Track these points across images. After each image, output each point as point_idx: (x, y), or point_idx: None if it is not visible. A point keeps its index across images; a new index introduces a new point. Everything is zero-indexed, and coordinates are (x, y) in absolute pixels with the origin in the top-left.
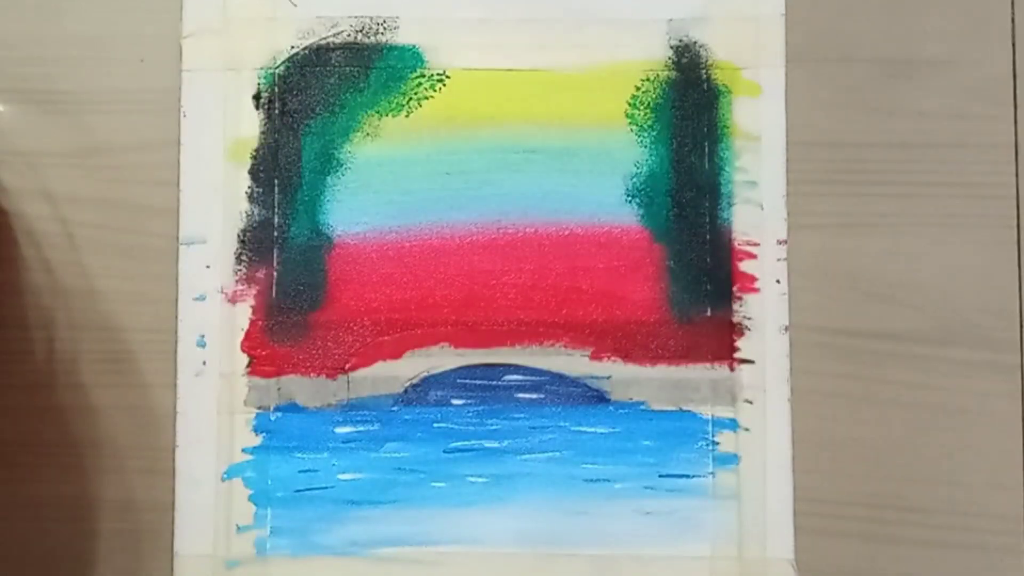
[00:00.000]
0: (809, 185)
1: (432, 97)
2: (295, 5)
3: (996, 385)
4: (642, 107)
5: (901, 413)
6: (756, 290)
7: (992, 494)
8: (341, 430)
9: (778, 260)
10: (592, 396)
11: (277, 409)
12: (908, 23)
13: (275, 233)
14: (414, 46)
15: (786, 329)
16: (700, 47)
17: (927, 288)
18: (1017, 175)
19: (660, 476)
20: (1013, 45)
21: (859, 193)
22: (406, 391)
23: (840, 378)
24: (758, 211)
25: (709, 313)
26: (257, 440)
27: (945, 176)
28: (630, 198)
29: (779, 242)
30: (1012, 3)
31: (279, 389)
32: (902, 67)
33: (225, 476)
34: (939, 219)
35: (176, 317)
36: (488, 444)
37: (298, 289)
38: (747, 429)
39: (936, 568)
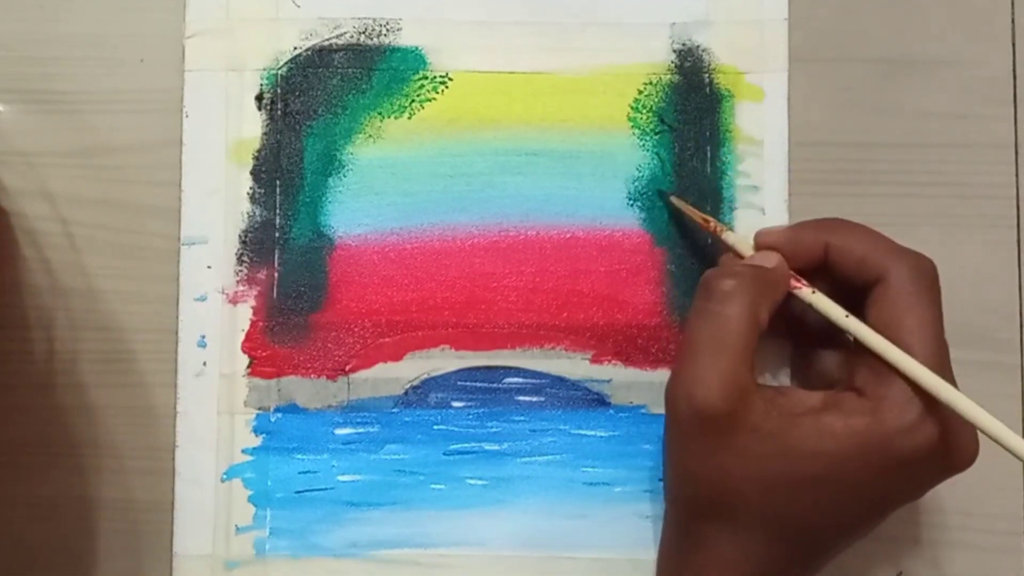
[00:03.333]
0: (809, 186)
1: (435, 99)
2: (298, 6)
3: (996, 385)
4: (644, 111)
5: None
6: None
7: (992, 494)
8: (341, 431)
9: None
10: (593, 399)
11: (277, 410)
12: (908, 23)
13: (276, 234)
14: (417, 48)
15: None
16: (703, 51)
17: None
18: (1017, 175)
19: (660, 480)
20: (1013, 45)
21: (859, 193)
22: (406, 393)
23: None
24: (760, 216)
25: None
26: (257, 441)
27: (945, 176)
28: (632, 202)
29: None
30: (1012, 3)
31: (279, 390)
32: (902, 67)
33: (225, 477)
34: (939, 219)
35: (177, 317)
36: (488, 446)
37: (299, 290)
38: None
39: (936, 568)
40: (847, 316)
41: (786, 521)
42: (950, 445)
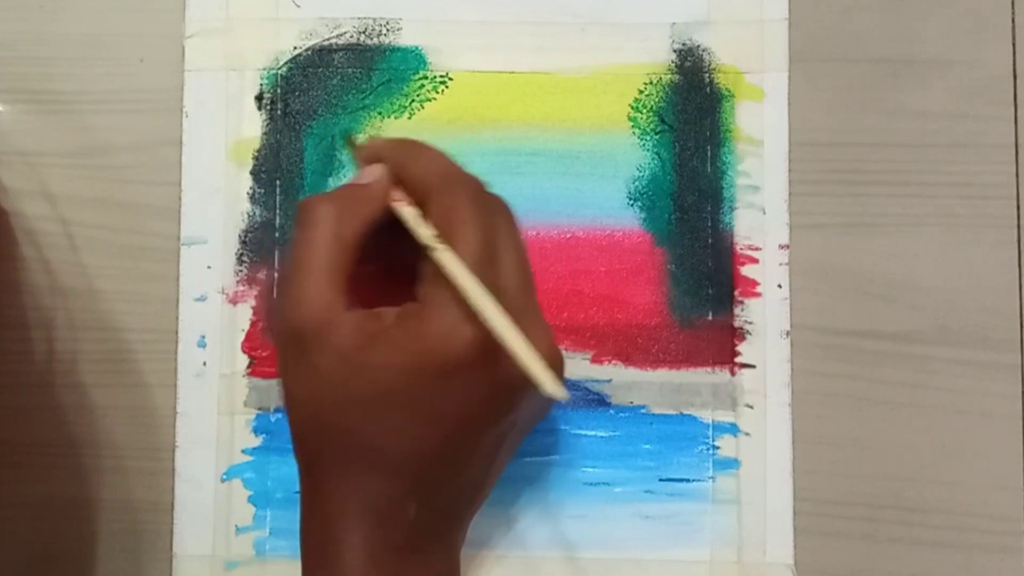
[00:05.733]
0: (809, 186)
1: (435, 99)
2: (298, 6)
3: (996, 385)
4: (645, 111)
5: (901, 413)
6: (758, 295)
7: (992, 494)
8: None
9: (780, 265)
10: (592, 399)
11: (277, 410)
12: (908, 23)
13: (276, 234)
14: (417, 48)
15: (787, 334)
16: (703, 51)
17: (927, 288)
18: (1017, 175)
19: (660, 480)
20: (1013, 45)
21: (859, 193)
22: None
23: (840, 379)
24: (760, 215)
25: (710, 317)
26: (257, 441)
27: (945, 176)
28: (632, 202)
29: (781, 247)
30: (1012, 3)
31: (279, 390)
32: (902, 67)
33: (225, 477)
34: (939, 219)
35: (176, 317)
36: None
37: None
38: (747, 433)
39: (936, 568)
40: (433, 237)
41: (385, 449)
42: (494, 357)
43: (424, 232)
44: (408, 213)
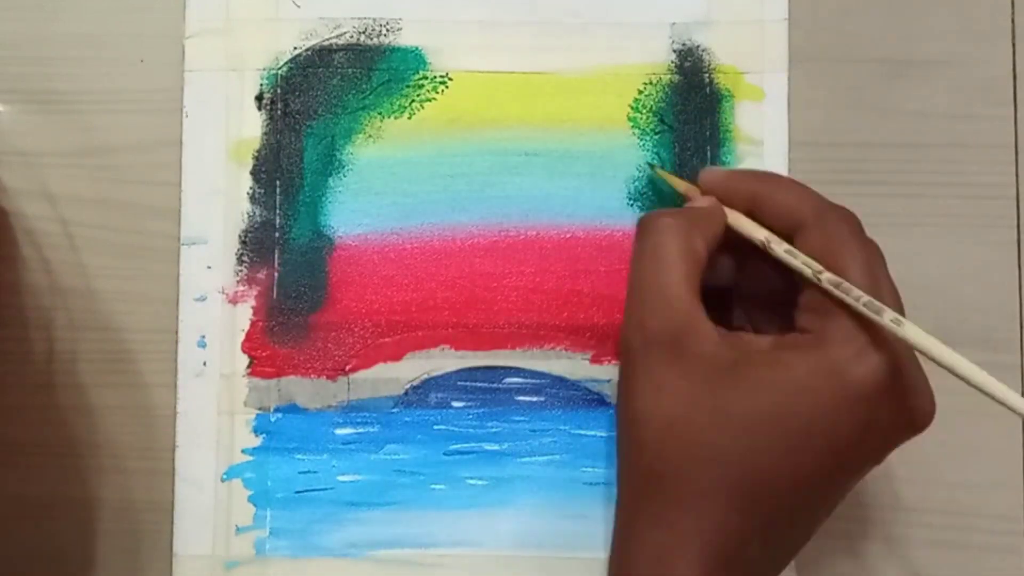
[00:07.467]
0: (809, 186)
1: (435, 99)
2: (298, 6)
3: None
4: (644, 111)
5: None
6: None
7: (992, 494)
8: (341, 432)
9: None
10: (593, 399)
11: (277, 410)
12: (908, 23)
13: (276, 234)
14: (417, 48)
15: None
16: (703, 51)
17: (927, 288)
18: (1017, 175)
19: None
20: (1013, 45)
21: (859, 193)
22: (406, 393)
23: None
24: None
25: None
26: (257, 441)
27: (945, 176)
28: (632, 202)
29: None
30: (1012, 3)
31: (279, 390)
32: (902, 67)
33: (225, 477)
34: (939, 219)
35: (176, 317)
36: (488, 447)
37: (299, 290)
38: None
39: (936, 568)
40: (821, 272)
41: (756, 473)
42: (903, 387)
43: (815, 265)
44: (781, 245)
